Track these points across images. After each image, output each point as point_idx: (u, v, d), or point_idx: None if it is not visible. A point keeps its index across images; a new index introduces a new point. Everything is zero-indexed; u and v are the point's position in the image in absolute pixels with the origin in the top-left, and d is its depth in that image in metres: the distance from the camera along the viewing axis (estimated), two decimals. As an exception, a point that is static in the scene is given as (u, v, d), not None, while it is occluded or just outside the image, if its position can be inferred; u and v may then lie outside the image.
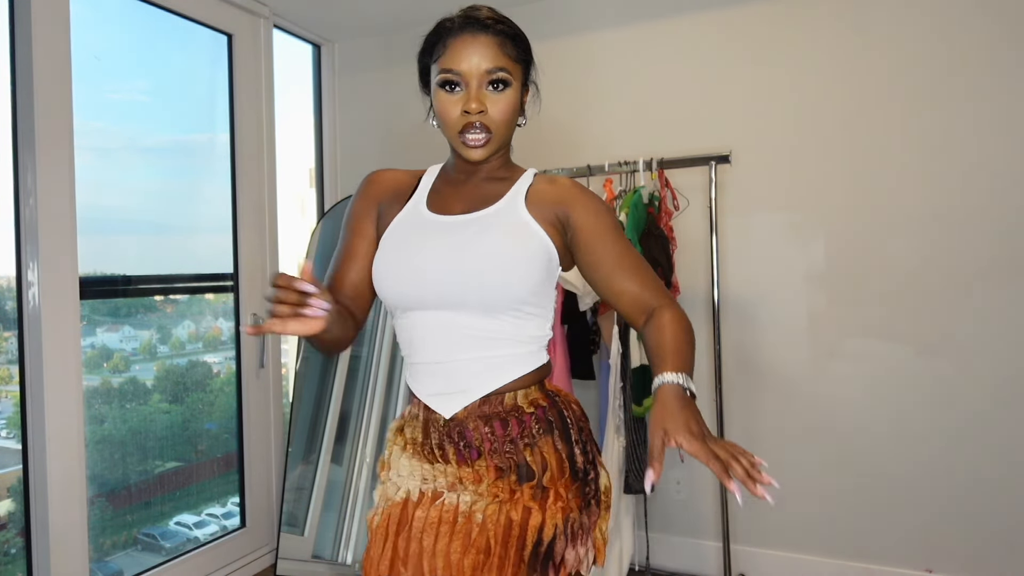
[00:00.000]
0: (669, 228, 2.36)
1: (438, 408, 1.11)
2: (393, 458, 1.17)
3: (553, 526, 1.05)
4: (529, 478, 1.07)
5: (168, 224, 2.64)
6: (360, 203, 1.20)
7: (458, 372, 1.09)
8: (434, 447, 1.10)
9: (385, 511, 1.13)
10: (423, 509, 1.09)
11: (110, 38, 2.40)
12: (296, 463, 2.73)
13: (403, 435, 1.17)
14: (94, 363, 2.36)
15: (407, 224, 1.15)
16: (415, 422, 1.15)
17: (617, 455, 2.30)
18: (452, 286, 1.07)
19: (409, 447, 1.15)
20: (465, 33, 1.09)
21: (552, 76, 2.86)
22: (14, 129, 2.02)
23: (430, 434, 1.11)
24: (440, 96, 1.10)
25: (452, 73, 1.08)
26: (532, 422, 1.09)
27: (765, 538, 2.57)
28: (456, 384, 1.10)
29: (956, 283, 2.31)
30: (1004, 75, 2.24)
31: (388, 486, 1.16)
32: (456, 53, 1.08)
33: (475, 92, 1.07)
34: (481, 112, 1.07)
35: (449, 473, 1.09)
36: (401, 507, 1.11)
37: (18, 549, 2.07)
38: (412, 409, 1.17)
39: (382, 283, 1.12)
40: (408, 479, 1.13)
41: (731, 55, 2.58)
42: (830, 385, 2.47)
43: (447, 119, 1.10)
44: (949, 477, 2.32)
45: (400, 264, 1.11)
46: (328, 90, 3.28)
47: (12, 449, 2.08)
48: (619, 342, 2.31)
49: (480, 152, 1.10)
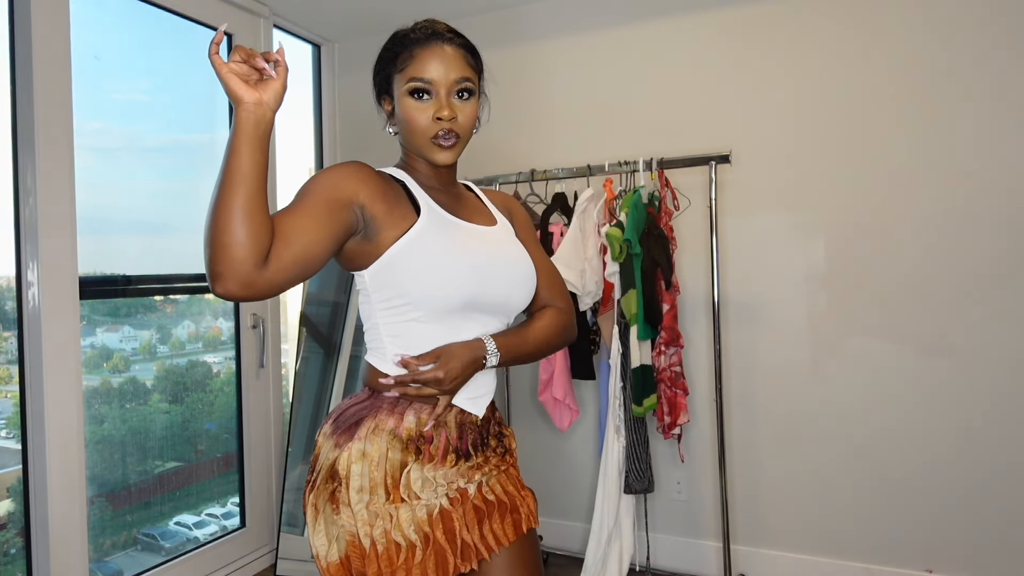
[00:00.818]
0: (669, 228, 2.36)
1: (473, 409, 1.18)
2: (414, 480, 1.10)
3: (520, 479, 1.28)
4: (508, 450, 1.26)
5: (168, 224, 2.63)
6: (348, 184, 1.05)
7: (488, 373, 1.20)
8: (471, 447, 1.18)
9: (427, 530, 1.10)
10: (459, 509, 1.14)
11: (110, 38, 2.40)
12: (296, 463, 2.73)
13: (424, 448, 1.12)
14: (94, 363, 2.36)
15: (438, 228, 1.13)
16: (443, 429, 1.14)
17: (617, 455, 2.30)
18: (513, 291, 1.19)
19: (436, 456, 1.12)
20: (433, 44, 1.14)
21: (553, 76, 2.87)
22: (14, 129, 2.02)
23: (465, 435, 1.17)
24: (408, 103, 1.14)
25: (422, 81, 1.12)
26: (497, 413, 1.29)
27: (765, 538, 2.57)
28: (486, 385, 1.21)
29: (956, 283, 2.31)
30: (1005, 75, 2.24)
31: (416, 508, 1.09)
32: (425, 62, 1.13)
33: (445, 100, 1.13)
34: (452, 119, 1.13)
35: (473, 466, 1.17)
36: (443, 519, 1.11)
37: (18, 549, 2.07)
38: (425, 418, 1.13)
39: (444, 286, 1.09)
40: (435, 490, 1.11)
41: (731, 55, 2.58)
42: (830, 385, 2.47)
43: (416, 126, 1.14)
44: (949, 477, 2.32)
45: (465, 267, 1.12)
46: (328, 90, 3.28)
47: (12, 449, 2.08)
48: (619, 342, 2.31)
49: (450, 155, 1.16)
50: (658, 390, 2.34)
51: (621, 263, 2.26)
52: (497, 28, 2.95)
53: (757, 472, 2.57)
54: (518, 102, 2.93)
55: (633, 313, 2.25)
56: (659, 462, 2.67)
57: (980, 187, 2.27)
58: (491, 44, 2.95)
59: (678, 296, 2.40)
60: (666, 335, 2.35)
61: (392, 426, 1.11)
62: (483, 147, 2.95)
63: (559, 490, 2.89)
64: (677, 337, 2.36)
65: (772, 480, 2.56)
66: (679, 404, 2.35)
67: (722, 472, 2.36)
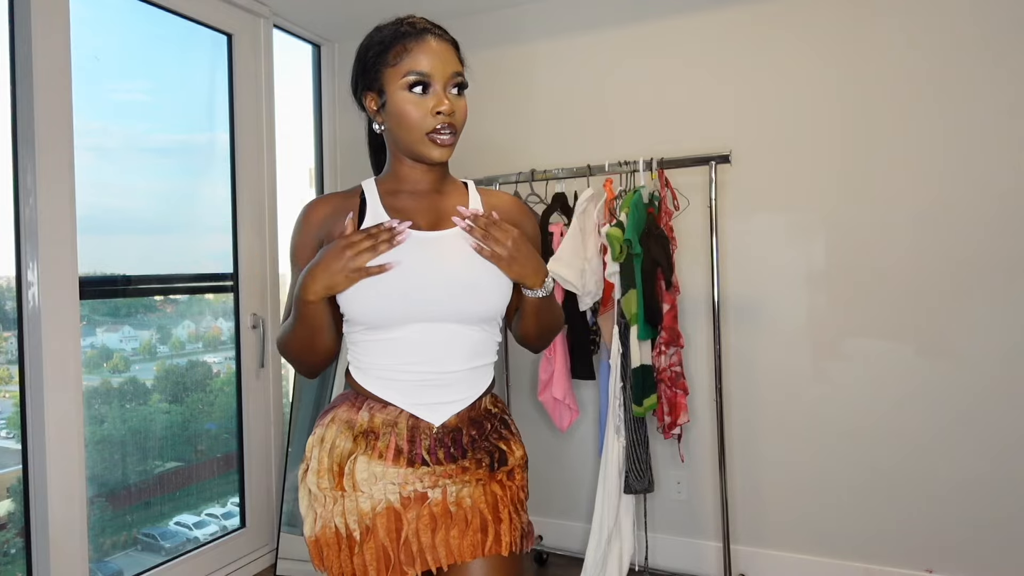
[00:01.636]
0: (669, 228, 2.36)
1: (427, 417, 1.13)
2: (359, 470, 1.11)
3: (522, 500, 1.20)
4: (503, 463, 1.18)
5: (168, 224, 2.63)
6: (300, 239, 1.18)
7: (456, 382, 1.15)
8: (424, 453, 1.12)
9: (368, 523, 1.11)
10: (412, 511, 1.11)
11: (110, 38, 2.40)
12: (296, 463, 2.73)
13: (369, 442, 1.13)
14: (94, 363, 2.36)
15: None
16: (393, 429, 1.12)
17: (617, 455, 2.30)
18: (456, 300, 1.11)
19: (386, 454, 1.12)
20: (427, 38, 1.11)
21: (553, 76, 2.87)
22: (14, 129, 2.02)
23: (418, 441, 1.12)
24: (404, 97, 1.10)
25: (421, 75, 1.09)
26: (496, 421, 1.21)
27: (765, 538, 2.57)
28: (451, 394, 1.15)
29: (956, 283, 2.31)
30: (1005, 75, 2.24)
31: (359, 500, 1.11)
32: (422, 56, 1.10)
33: (443, 93, 1.11)
34: (452, 113, 1.11)
35: (436, 472, 1.12)
36: (387, 517, 1.11)
37: (18, 549, 2.07)
38: (381, 416, 1.14)
39: (363, 303, 1.09)
40: (385, 487, 1.11)
41: (731, 55, 2.58)
42: (830, 385, 2.47)
43: (412, 120, 1.10)
44: (949, 477, 2.32)
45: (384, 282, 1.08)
46: (328, 90, 3.28)
47: (12, 449, 2.08)
48: (619, 342, 2.31)
49: (447, 152, 1.13)
50: (658, 390, 2.34)
51: (621, 263, 2.26)
52: (498, 28, 2.95)
53: (757, 472, 2.57)
54: (518, 102, 2.93)
55: (633, 313, 2.25)
56: (659, 462, 2.67)
57: (980, 187, 2.27)
58: (492, 44, 2.96)
59: (678, 296, 2.41)
60: (666, 335, 2.35)
61: (347, 417, 1.15)
62: (483, 147, 2.95)
63: (559, 490, 2.89)
64: (677, 337, 2.36)
65: (772, 480, 2.56)
66: (679, 404, 2.35)
67: (722, 472, 2.36)
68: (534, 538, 1.21)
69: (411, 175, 1.18)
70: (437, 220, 1.17)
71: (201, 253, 2.73)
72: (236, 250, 2.74)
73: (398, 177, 1.19)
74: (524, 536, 1.17)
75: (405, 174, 1.18)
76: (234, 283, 2.75)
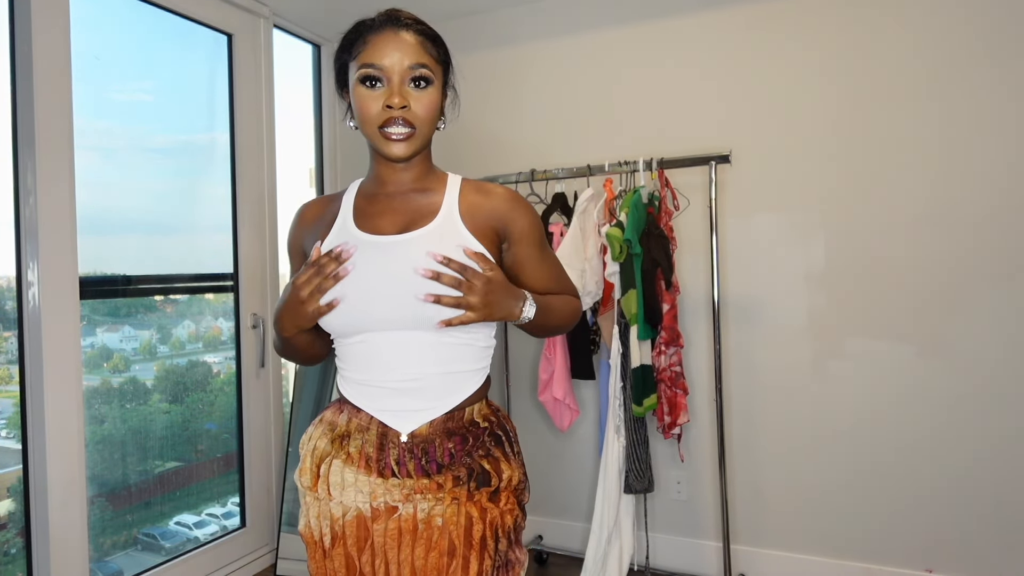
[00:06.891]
0: (669, 228, 2.36)
1: (396, 425, 1.09)
2: (333, 473, 1.10)
3: (506, 527, 1.09)
4: (485, 483, 1.09)
5: (168, 224, 2.63)
6: (291, 241, 1.23)
7: (425, 390, 1.09)
8: (393, 463, 1.08)
9: (338, 529, 1.10)
10: (381, 523, 1.08)
11: (110, 38, 2.40)
12: (296, 463, 2.73)
13: (344, 447, 1.11)
14: (94, 363, 2.36)
15: (332, 247, 1.11)
16: (363, 435, 1.10)
17: (617, 455, 2.30)
18: (399, 308, 1.05)
19: (357, 460, 1.09)
20: (387, 30, 1.07)
21: (553, 76, 2.87)
22: (14, 129, 2.02)
23: (387, 449, 1.09)
24: (360, 92, 1.07)
25: (373, 68, 1.06)
26: (486, 435, 1.12)
27: (765, 538, 2.57)
28: (420, 402, 1.09)
29: (956, 282, 2.31)
30: (1004, 74, 2.24)
31: (331, 505, 1.10)
32: (378, 48, 1.06)
33: (397, 87, 1.06)
34: (404, 107, 1.05)
35: (407, 486, 1.08)
36: (356, 525, 1.09)
37: (18, 549, 2.07)
38: (356, 421, 1.12)
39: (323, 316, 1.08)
40: (355, 495, 1.09)
41: (731, 55, 2.58)
42: (830, 385, 2.47)
43: (367, 115, 1.07)
44: (949, 477, 2.32)
45: (347, 288, 1.06)
46: (328, 90, 3.27)
47: (12, 449, 2.08)
48: (619, 342, 2.31)
49: (403, 147, 1.07)
50: (658, 390, 2.34)
51: (621, 263, 2.26)
52: (498, 28, 2.95)
53: (757, 472, 2.57)
54: (518, 102, 2.93)
55: (633, 313, 2.25)
56: (659, 462, 2.67)
57: (980, 187, 2.27)
58: (492, 44, 2.96)
59: (678, 296, 2.41)
60: (666, 335, 2.35)
61: (331, 419, 1.16)
62: (483, 147, 2.95)
63: (559, 490, 2.89)
64: (677, 337, 2.36)
65: (772, 480, 2.56)
66: (679, 404, 2.35)
67: (722, 472, 2.36)
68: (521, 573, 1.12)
69: (387, 174, 1.15)
70: (411, 221, 1.11)
71: (201, 253, 2.73)
72: (236, 250, 2.74)
73: (376, 177, 1.16)
74: (502, 567, 1.07)
75: (381, 173, 1.15)
76: (234, 283, 2.75)
